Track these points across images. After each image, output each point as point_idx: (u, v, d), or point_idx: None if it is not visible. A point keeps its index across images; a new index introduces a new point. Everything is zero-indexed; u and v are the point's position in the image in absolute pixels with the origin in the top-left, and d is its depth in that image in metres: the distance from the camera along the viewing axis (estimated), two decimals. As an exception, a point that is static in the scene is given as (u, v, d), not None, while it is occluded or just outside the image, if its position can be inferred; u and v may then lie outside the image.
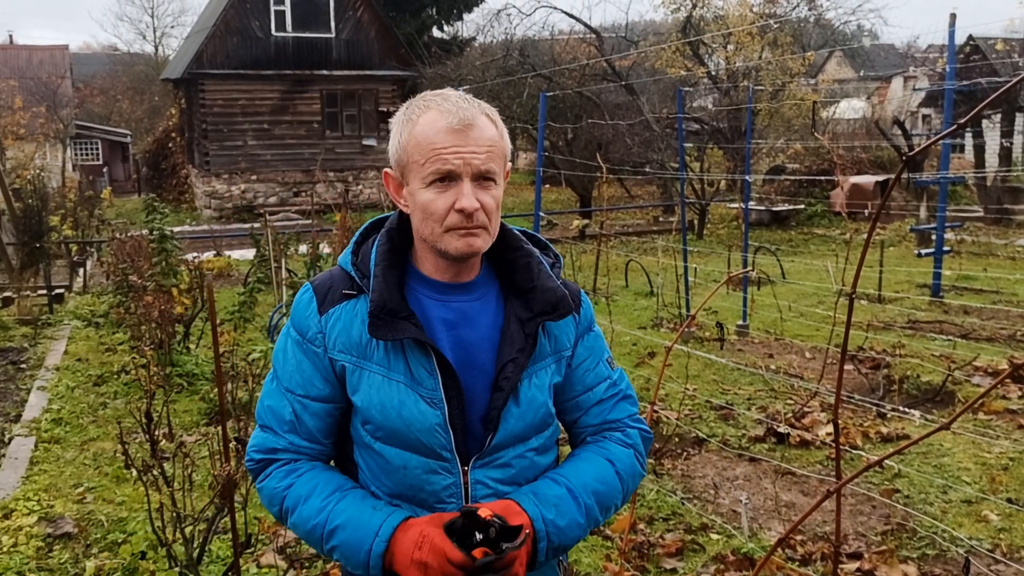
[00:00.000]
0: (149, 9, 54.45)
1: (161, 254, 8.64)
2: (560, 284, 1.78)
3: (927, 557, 4.23)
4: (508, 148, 1.73)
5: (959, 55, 19.64)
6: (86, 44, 63.62)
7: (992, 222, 18.68)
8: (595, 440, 1.87)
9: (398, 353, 1.69)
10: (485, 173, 1.65)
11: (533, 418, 1.75)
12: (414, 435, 1.68)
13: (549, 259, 1.83)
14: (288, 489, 1.73)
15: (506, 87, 21.00)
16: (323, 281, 1.78)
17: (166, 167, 30.34)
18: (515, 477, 1.76)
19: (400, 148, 1.70)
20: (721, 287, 8.10)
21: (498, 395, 1.70)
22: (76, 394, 7.19)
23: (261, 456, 1.79)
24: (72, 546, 4.48)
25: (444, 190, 1.64)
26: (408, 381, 1.68)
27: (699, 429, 6.03)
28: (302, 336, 1.75)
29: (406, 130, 1.69)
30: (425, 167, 1.64)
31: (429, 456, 1.70)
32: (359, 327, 1.70)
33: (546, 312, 1.74)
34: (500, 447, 1.73)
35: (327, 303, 1.74)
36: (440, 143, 1.63)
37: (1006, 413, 6.29)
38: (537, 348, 1.75)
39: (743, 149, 12.15)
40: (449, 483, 1.71)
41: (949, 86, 10.84)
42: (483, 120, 1.67)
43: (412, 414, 1.67)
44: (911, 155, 1.73)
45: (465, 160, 1.63)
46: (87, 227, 16.72)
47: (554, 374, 1.79)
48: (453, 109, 1.65)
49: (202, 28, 26.66)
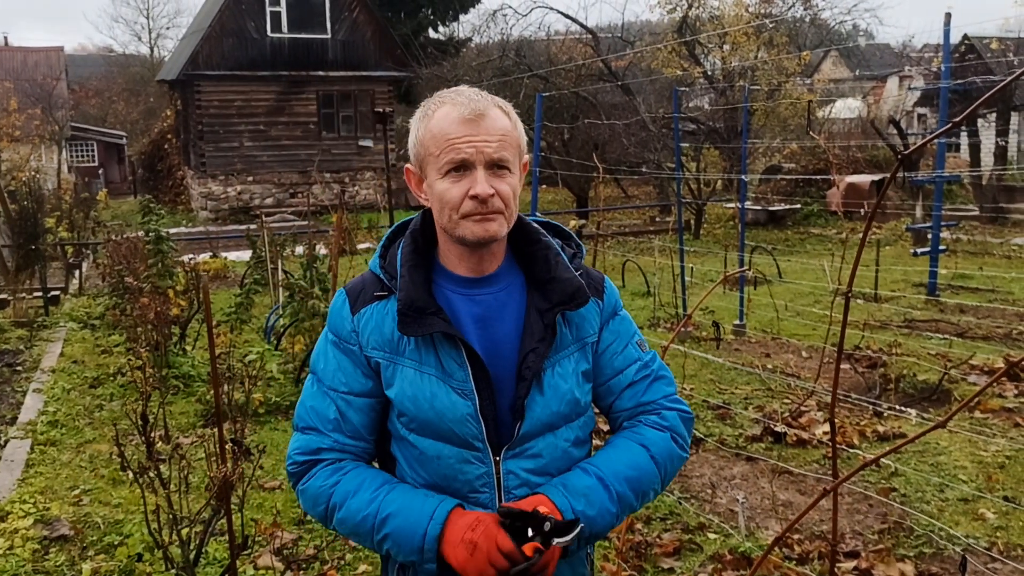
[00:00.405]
0: (144, 10, 54.24)
1: (157, 256, 8.62)
2: (578, 274, 1.83)
3: (924, 555, 4.23)
4: (523, 140, 1.78)
5: (954, 54, 19.67)
6: (81, 46, 63.67)
7: (988, 221, 18.71)
8: (630, 425, 1.91)
9: (429, 347, 1.75)
10: (498, 161, 1.71)
11: (559, 406, 1.79)
12: (446, 425, 1.74)
13: (571, 249, 1.89)
14: (335, 486, 1.78)
15: (502, 87, 20.98)
16: (355, 285, 1.87)
17: (162, 169, 30.31)
18: (546, 467, 1.80)
19: (417, 143, 1.77)
20: (717, 287, 8.10)
21: (522, 384, 1.75)
22: (72, 396, 7.18)
23: (305, 458, 1.83)
24: (68, 548, 4.47)
25: (459, 179, 1.70)
26: (439, 374, 1.74)
27: (696, 429, 6.02)
28: (338, 337, 1.83)
29: (423, 125, 1.76)
30: (440, 158, 1.71)
31: (462, 446, 1.75)
32: (390, 325, 1.77)
33: (563, 302, 1.78)
34: (529, 436, 1.77)
35: (359, 304, 1.81)
36: (453, 133, 1.70)
37: (1002, 411, 6.30)
38: (558, 337, 1.79)
39: (739, 149, 12.17)
40: (481, 473, 1.76)
41: (944, 85, 10.85)
42: (495, 111, 1.73)
43: (444, 405, 1.73)
44: (906, 154, 1.73)
45: (477, 148, 1.69)
46: (83, 229, 16.69)
47: (580, 361, 1.83)
48: (465, 101, 1.71)
49: (198, 29, 26.63)
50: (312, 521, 4.71)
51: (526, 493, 1.76)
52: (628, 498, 1.80)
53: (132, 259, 8.83)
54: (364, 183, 26.29)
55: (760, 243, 14.56)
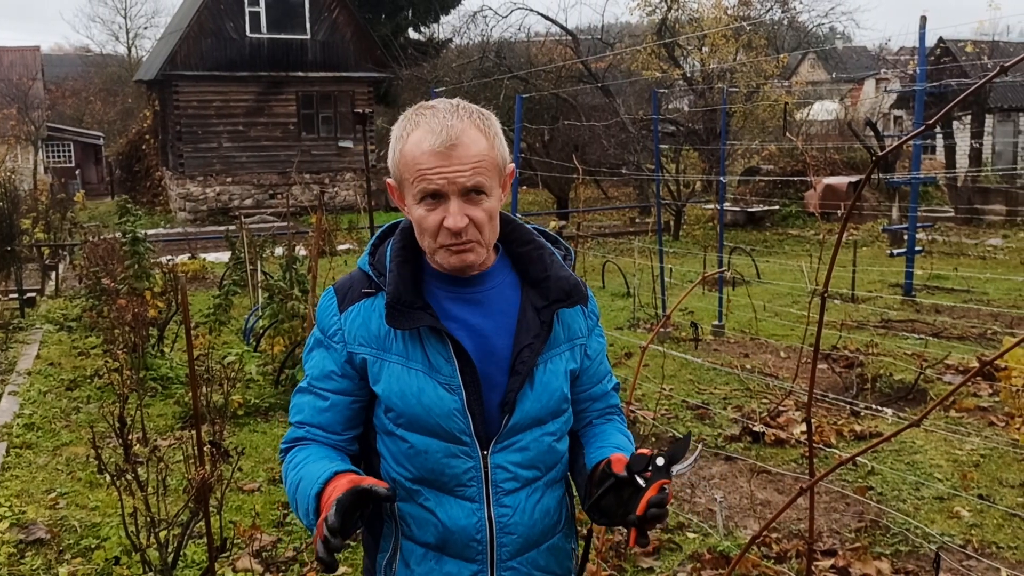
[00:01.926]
0: (122, 10, 53.69)
1: (134, 257, 8.56)
2: (572, 273, 1.86)
3: (900, 553, 4.27)
4: (502, 154, 1.75)
5: (930, 57, 19.87)
6: (58, 45, 62.97)
7: (963, 222, 18.90)
8: (603, 421, 1.99)
9: (416, 343, 1.76)
10: (473, 188, 1.68)
11: (548, 401, 1.81)
12: (434, 420, 1.74)
13: (561, 252, 1.90)
14: (288, 463, 1.83)
15: (482, 89, 20.99)
16: (343, 283, 1.88)
17: (140, 169, 30.07)
18: (533, 460, 1.81)
19: (394, 164, 1.76)
20: (696, 287, 8.14)
21: (515, 379, 1.77)
22: (48, 399, 7.11)
23: (286, 446, 1.89)
24: (45, 552, 4.43)
25: (433, 207, 1.69)
26: (426, 369, 1.75)
27: (675, 429, 6.06)
28: (324, 334, 1.85)
29: (398, 147, 1.73)
30: (414, 185, 1.70)
31: (449, 440, 1.76)
32: (377, 320, 1.78)
33: (560, 299, 1.81)
34: (517, 430, 1.79)
35: (346, 302, 1.82)
36: (424, 164, 1.67)
37: (977, 410, 6.37)
38: (552, 335, 1.82)
39: (718, 150, 12.22)
40: (469, 467, 1.77)
41: (920, 88, 10.96)
42: (471, 135, 1.68)
43: (431, 400, 1.74)
44: (882, 155, 1.75)
45: (449, 179, 1.66)
46: (59, 230, 16.53)
47: (569, 360, 1.86)
48: (438, 128, 1.67)
49: (176, 29, 26.46)
50: (291, 523, 4.69)
51: (514, 487, 1.79)
52: None
53: (109, 260, 8.77)
54: (344, 184, 26.21)
55: (739, 244, 14.64)
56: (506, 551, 1.79)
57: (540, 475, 1.83)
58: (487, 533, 1.78)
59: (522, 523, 1.80)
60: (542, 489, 1.83)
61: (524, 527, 1.80)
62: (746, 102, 21.27)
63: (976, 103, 22.40)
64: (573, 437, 1.95)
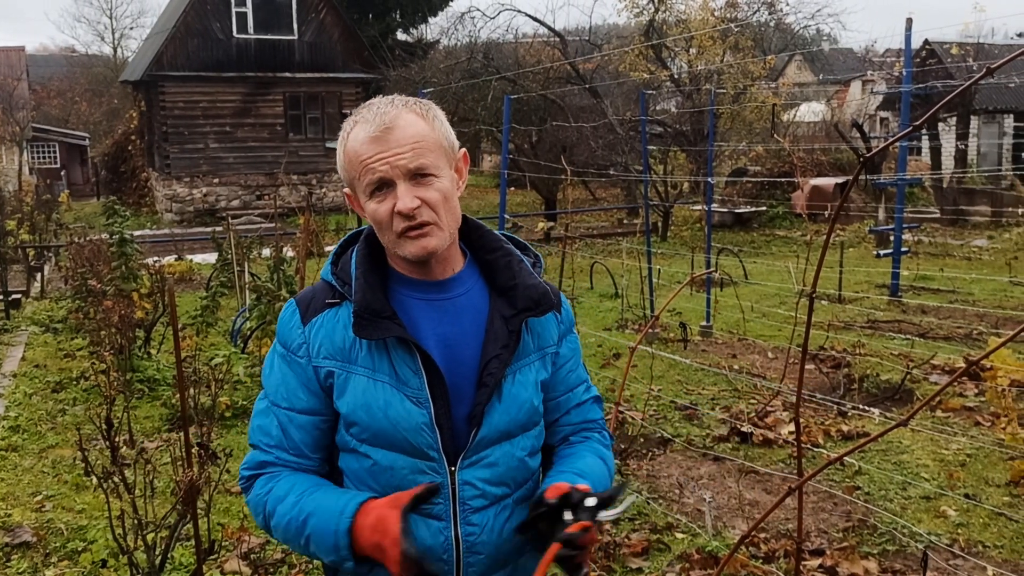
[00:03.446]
0: (107, 10, 53.61)
1: (121, 258, 8.51)
2: (541, 281, 1.80)
3: (888, 553, 4.29)
4: (446, 138, 1.72)
5: (915, 59, 19.95)
6: (43, 46, 62.60)
7: (948, 223, 19.01)
8: (580, 439, 1.90)
9: (382, 354, 1.69)
10: (417, 170, 1.65)
11: (517, 414, 1.75)
12: (401, 435, 1.68)
13: (530, 259, 1.85)
14: (268, 494, 1.74)
15: (470, 90, 20.99)
16: (305, 294, 1.81)
17: (126, 170, 29.92)
18: (503, 477, 1.75)
19: (343, 168, 1.73)
20: (684, 288, 8.16)
21: (482, 391, 1.71)
22: (34, 401, 7.07)
23: (250, 472, 1.79)
24: (31, 555, 4.41)
25: (383, 198, 1.66)
26: (393, 381, 1.69)
27: (664, 429, 6.07)
28: (286, 348, 1.77)
29: (341, 149, 1.72)
30: (362, 180, 1.68)
31: (416, 456, 1.70)
32: (342, 332, 1.71)
33: (529, 308, 1.75)
34: (485, 444, 1.73)
35: (310, 313, 1.75)
36: (365, 154, 1.65)
37: (963, 410, 6.41)
38: (521, 345, 1.76)
39: (706, 152, 12.26)
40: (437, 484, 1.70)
41: (906, 89, 11.02)
42: (407, 118, 1.67)
43: (398, 413, 1.67)
44: (868, 156, 1.76)
45: (391, 164, 1.64)
46: (44, 231, 16.45)
47: (539, 371, 1.80)
48: (372, 117, 1.66)
49: (162, 29, 26.35)
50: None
51: (482, 504, 1.72)
52: None
53: (95, 262, 8.72)
54: (332, 185, 26.15)
55: (726, 245, 14.68)
56: (473, 571, 1.73)
57: (509, 492, 1.76)
58: (454, 552, 1.71)
59: (490, 542, 1.73)
60: (511, 507, 1.76)
61: (492, 546, 1.74)
62: (733, 104, 21.34)
63: (961, 105, 22.53)
64: (547, 454, 1.88)
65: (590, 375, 2.02)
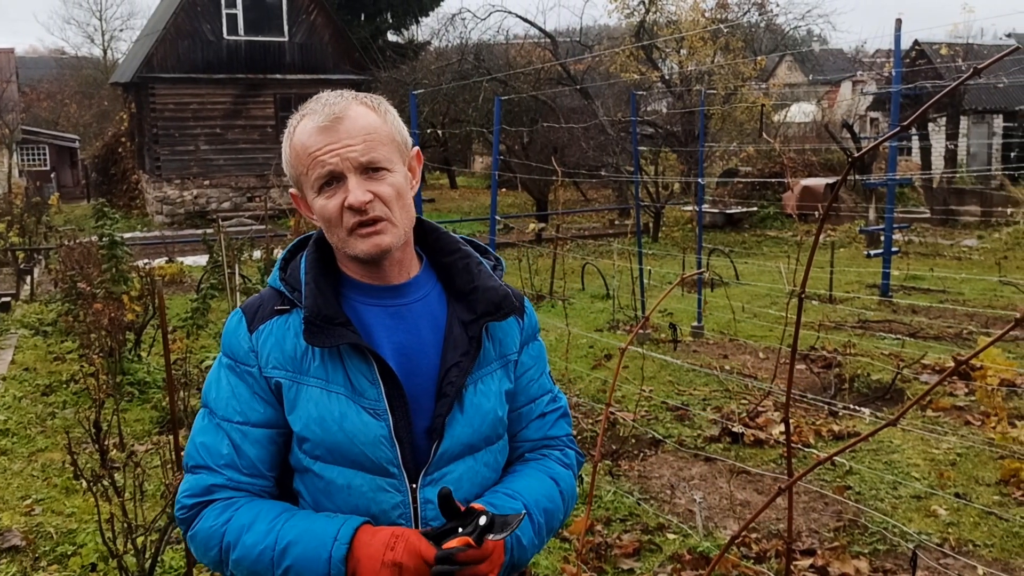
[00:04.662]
0: (97, 12, 53.42)
1: (111, 261, 8.49)
2: (502, 284, 1.72)
3: (878, 552, 4.30)
4: (399, 133, 1.64)
5: (905, 60, 20.04)
6: (32, 47, 62.23)
7: (938, 223, 19.08)
8: (535, 457, 1.79)
9: (336, 363, 1.59)
10: (369, 164, 1.57)
11: (481, 425, 1.65)
12: (358, 449, 1.57)
13: (490, 262, 1.76)
14: (228, 523, 1.57)
15: (461, 91, 20.99)
16: (252, 302, 1.71)
17: (116, 172, 29.82)
18: (467, 495, 1.64)
19: (288, 164, 1.64)
20: (675, 288, 8.16)
21: (443, 402, 1.61)
22: (23, 404, 7.03)
23: (195, 500, 1.61)
24: (20, 559, 4.38)
25: (333, 193, 1.57)
26: (348, 392, 1.58)
27: (655, 430, 6.07)
28: (234, 359, 1.65)
29: (287, 144, 1.63)
30: (310, 175, 1.58)
31: (375, 473, 1.59)
32: (292, 340, 1.61)
33: (489, 312, 1.66)
34: (447, 459, 1.63)
35: (257, 320, 1.65)
36: (313, 146, 1.57)
37: (953, 409, 6.43)
38: (481, 352, 1.66)
39: (696, 152, 12.28)
40: (398, 501, 1.60)
41: (895, 90, 11.06)
42: (357, 110, 1.59)
43: (355, 426, 1.57)
44: (858, 156, 1.77)
45: (341, 156, 1.55)
46: (34, 234, 16.39)
47: (502, 380, 1.71)
48: (320, 108, 1.58)
49: (152, 31, 26.27)
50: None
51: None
52: (542, 531, 1.69)
53: (85, 264, 8.70)
54: (323, 187, 26.10)
55: (717, 245, 14.71)
56: None
57: None
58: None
59: None
60: None
61: None
62: (724, 104, 21.39)
63: (951, 105, 22.63)
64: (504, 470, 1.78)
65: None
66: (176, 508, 1.65)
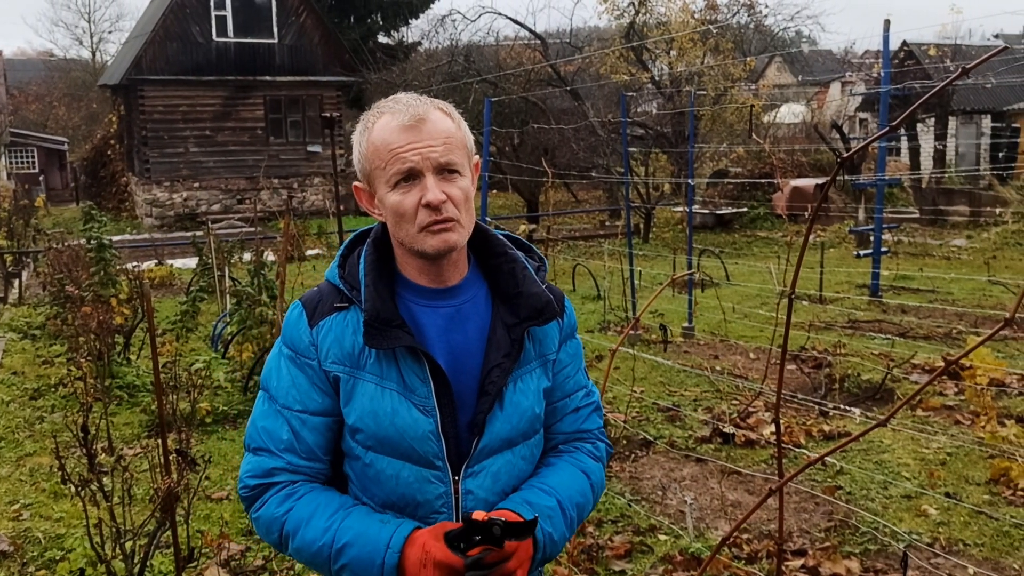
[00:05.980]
0: (86, 14, 53.12)
1: (100, 264, 8.45)
2: (545, 289, 1.79)
3: (869, 552, 4.31)
4: (469, 140, 1.74)
5: (894, 60, 20.12)
6: (20, 50, 61.87)
7: (927, 223, 19.16)
8: (568, 450, 1.88)
9: (390, 361, 1.69)
10: (446, 165, 1.65)
11: (519, 422, 1.75)
12: (407, 443, 1.68)
13: (534, 263, 1.83)
14: (288, 513, 1.70)
15: (451, 92, 20.93)
16: (312, 296, 1.79)
17: (105, 175, 29.71)
18: (505, 487, 1.75)
19: (362, 158, 1.72)
20: (665, 289, 8.17)
21: (484, 399, 1.70)
22: (11, 408, 6.99)
23: (257, 481, 1.74)
24: (8, 565, 4.35)
25: (409, 189, 1.65)
26: (401, 389, 1.68)
27: (646, 431, 6.07)
28: (294, 351, 1.74)
29: (364, 139, 1.71)
30: (387, 170, 1.66)
31: (422, 465, 1.69)
32: (351, 338, 1.70)
33: (532, 318, 1.74)
34: (487, 452, 1.72)
35: (317, 316, 1.74)
36: (395, 143, 1.64)
37: (943, 409, 6.44)
38: (523, 353, 1.75)
39: (687, 153, 12.30)
40: (441, 492, 1.71)
41: (884, 90, 11.10)
42: (436, 114, 1.68)
43: (405, 422, 1.67)
44: (847, 157, 1.76)
45: (423, 155, 1.63)
46: (23, 237, 16.30)
47: (541, 378, 1.79)
48: (403, 108, 1.66)
49: (141, 33, 26.18)
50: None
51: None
52: (574, 524, 1.79)
53: (74, 267, 8.65)
54: (313, 189, 26.06)
55: (708, 246, 14.73)
56: None
57: None
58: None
59: None
60: None
61: None
62: (714, 105, 21.43)
63: (939, 105, 22.73)
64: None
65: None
66: (239, 487, 1.77)
